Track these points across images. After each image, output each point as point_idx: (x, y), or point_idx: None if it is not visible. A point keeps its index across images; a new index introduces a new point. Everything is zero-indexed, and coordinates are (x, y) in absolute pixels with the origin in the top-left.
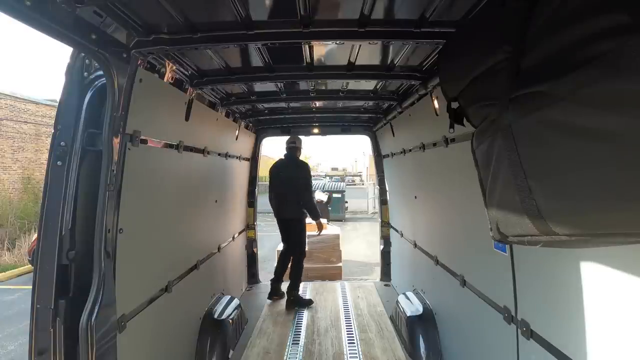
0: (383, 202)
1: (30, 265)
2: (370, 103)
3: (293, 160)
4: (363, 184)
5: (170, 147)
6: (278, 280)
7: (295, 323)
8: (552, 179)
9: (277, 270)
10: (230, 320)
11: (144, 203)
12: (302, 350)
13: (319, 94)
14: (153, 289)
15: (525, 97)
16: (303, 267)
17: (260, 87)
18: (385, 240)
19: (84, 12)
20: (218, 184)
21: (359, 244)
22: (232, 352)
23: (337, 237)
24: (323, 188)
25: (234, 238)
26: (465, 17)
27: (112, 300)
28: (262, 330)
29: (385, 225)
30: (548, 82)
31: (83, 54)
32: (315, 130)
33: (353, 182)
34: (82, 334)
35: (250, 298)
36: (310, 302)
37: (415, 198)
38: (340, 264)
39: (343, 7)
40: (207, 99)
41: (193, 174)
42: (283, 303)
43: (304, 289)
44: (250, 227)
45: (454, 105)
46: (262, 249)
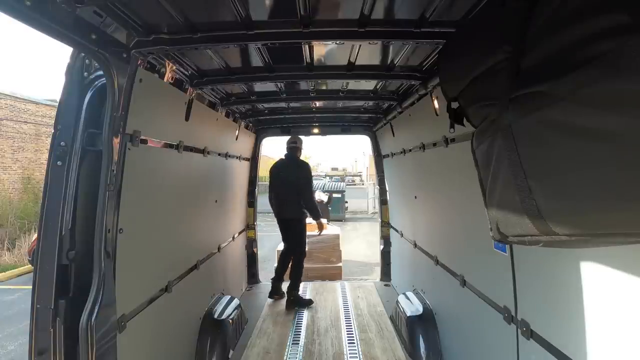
0: (383, 202)
1: (30, 265)
2: (370, 103)
3: (294, 160)
4: (363, 184)
5: (170, 147)
6: (279, 280)
7: (295, 323)
8: (552, 179)
9: (277, 270)
10: (230, 320)
11: (144, 203)
12: (302, 350)
13: (319, 94)
14: (153, 289)
15: (525, 97)
16: (303, 267)
17: (260, 87)
18: (385, 240)
19: (84, 12)
20: (218, 184)
21: (359, 244)
22: (232, 352)
23: (337, 237)
24: (323, 188)
25: (234, 238)
26: (465, 17)
27: (112, 300)
28: (262, 330)
29: (385, 225)
30: (548, 82)
31: (83, 54)
32: (315, 130)
33: (353, 182)
34: (82, 334)
35: (250, 298)
36: (310, 302)
37: (415, 198)
38: (340, 264)
39: (343, 7)
40: (207, 99)
41: (193, 174)
42: (283, 303)
43: (304, 289)
44: (250, 227)
45: (454, 105)
46: (262, 249)
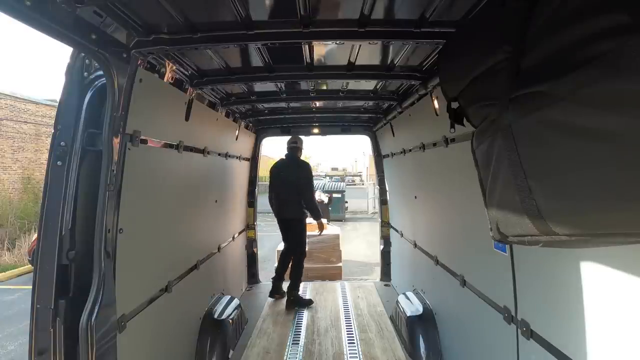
0: (383, 202)
1: (30, 265)
2: (370, 103)
3: (294, 160)
4: (363, 184)
5: (170, 147)
6: (279, 279)
7: (295, 323)
8: (552, 179)
9: (278, 269)
10: (230, 320)
11: (144, 203)
12: (302, 350)
13: (319, 94)
14: (153, 289)
15: (525, 97)
16: (303, 267)
17: (260, 87)
18: (385, 240)
19: (84, 12)
20: (218, 184)
21: (359, 244)
22: (232, 352)
23: (337, 237)
24: (323, 188)
25: (234, 238)
26: (465, 17)
27: (112, 300)
28: (262, 330)
29: (385, 225)
30: (548, 82)
31: (83, 54)
32: (315, 130)
33: (353, 182)
34: (82, 334)
35: (250, 298)
36: (310, 302)
37: (415, 198)
38: (340, 264)
39: (343, 7)
40: (207, 99)
41: (193, 174)
42: (283, 303)
43: (304, 289)
44: (250, 227)
45: (454, 105)
46: (262, 249)
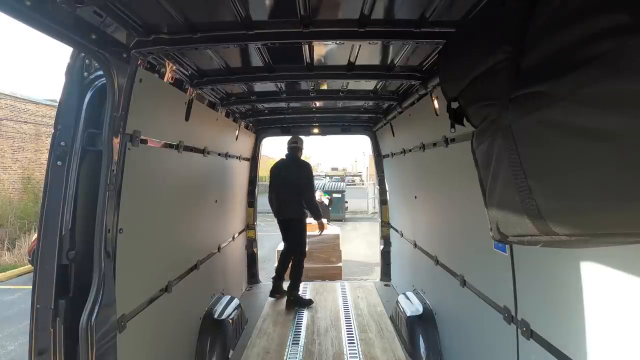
0: (383, 202)
1: (30, 265)
2: (370, 103)
3: (294, 160)
4: (363, 184)
5: (170, 147)
6: (280, 279)
7: (295, 323)
8: (552, 179)
9: (278, 269)
10: (230, 320)
11: (144, 203)
12: (302, 350)
13: (319, 94)
14: (153, 289)
15: (525, 97)
16: (303, 267)
17: (260, 87)
18: (385, 240)
19: (84, 12)
20: (218, 184)
21: (359, 244)
22: (232, 352)
23: (337, 237)
24: (323, 188)
25: (234, 238)
26: (465, 17)
27: (112, 300)
28: (262, 330)
29: (385, 225)
30: (548, 82)
31: (83, 54)
32: (315, 130)
33: (353, 182)
34: (82, 334)
35: (250, 298)
36: (310, 302)
37: (415, 198)
38: (340, 264)
39: (343, 7)
40: (207, 99)
41: (193, 174)
42: (283, 303)
43: (304, 289)
44: (250, 227)
45: (454, 105)
46: (262, 249)
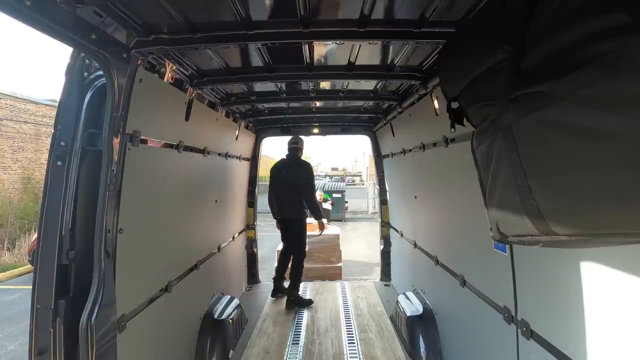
0: (383, 202)
1: (30, 265)
2: (370, 103)
3: (295, 160)
4: (363, 184)
5: (170, 147)
6: (280, 279)
7: (295, 323)
8: (552, 179)
9: (278, 269)
10: (230, 320)
11: (144, 203)
12: (302, 350)
13: (319, 94)
14: (153, 289)
15: (525, 97)
16: (303, 267)
17: (260, 87)
18: (385, 240)
19: (84, 12)
20: (218, 184)
21: (359, 244)
22: (232, 352)
23: (337, 237)
24: (323, 188)
25: (234, 238)
26: (465, 17)
27: (112, 300)
28: (262, 330)
29: (385, 225)
30: (548, 82)
31: (83, 54)
32: (315, 130)
33: (353, 182)
34: (82, 334)
35: (250, 298)
36: (310, 302)
37: (415, 198)
38: (340, 264)
39: (343, 7)
40: (207, 99)
41: (193, 174)
42: (283, 303)
43: (304, 289)
44: (250, 227)
45: (454, 105)
46: (262, 249)
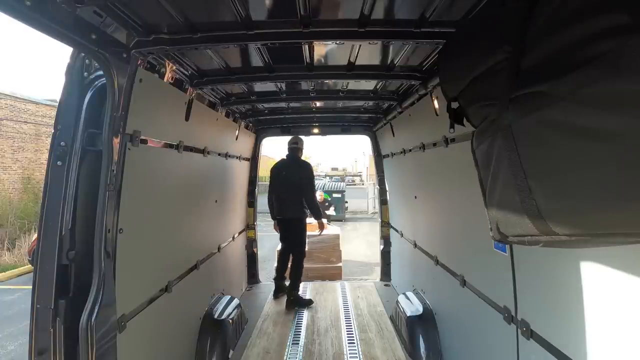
0: (383, 202)
1: (30, 265)
2: (370, 103)
3: (295, 161)
4: (363, 184)
5: (170, 147)
6: (281, 278)
7: (295, 323)
8: (552, 179)
9: (278, 269)
10: (230, 320)
11: (144, 203)
12: (302, 350)
13: (319, 94)
14: (153, 289)
15: (525, 97)
16: (303, 267)
17: (260, 87)
18: (385, 240)
19: (84, 12)
20: (218, 184)
21: (359, 244)
22: (232, 352)
23: (337, 237)
24: (323, 188)
25: (234, 238)
26: (465, 17)
27: (112, 300)
28: (262, 330)
29: (385, 225)
30: (548, 82)
31: (83, 54)
32: (315, 130)
33: (353, 182)
34: (82, 334)
35: (250, 298)
36: (310, 302)
37: (415, 198)
38: (340, 264)
39: (343, 7)
40: (207, 99)
41: (193, 174)
42: (283, 303)
43: (304, 289)
44: (250, 227)
45: (454, 105)
46: (262, 249)
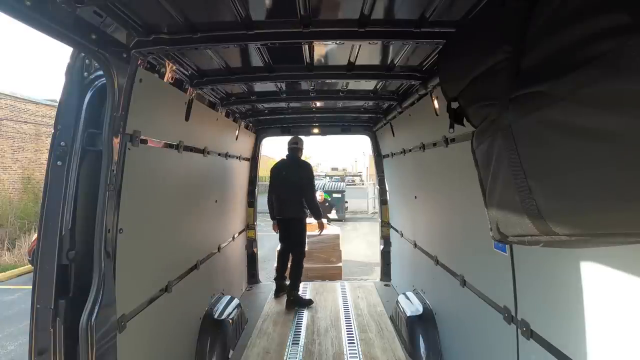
0: (383, 202)
1: (30, 265)
2: (370, 103)
3: (295, 161)
4: (363, 184)
5: (170, 147)
6: (282, 278)
7: (295, 323)
8: (552, 179)
9: (278, 269)
10: (230, 320)
11: (144, 203)
12: (302, 350)
13: (319, 94)
14: (153, 289)
15: (525, 97)
16: (303, 267)
17: (260, 87)
18: (385, 240)
19: (84, 12)
20: (218, 184)
21: (359, 244)
22: (232, 352)
23: (337, 237)
24: (323, 188)
25: (234, 238)
26: (465, 17)
27: (112, 300)
28: (262, 330)
29: (385, 225)
30: (548, 82)
31: (83, 54)
32: (315, 130)
33: (353, 182)
34: (82, 334)
35: (250, 298)
36: (310, 302)
37: (415, 198)
38: (340, 264)
39: (343, 7)
40: (207, 99)
41: (193, 174)
42: (283, 303)
43: (304, 289)
44: (250, 227)
45: (454, 105)
46: (262, 249)
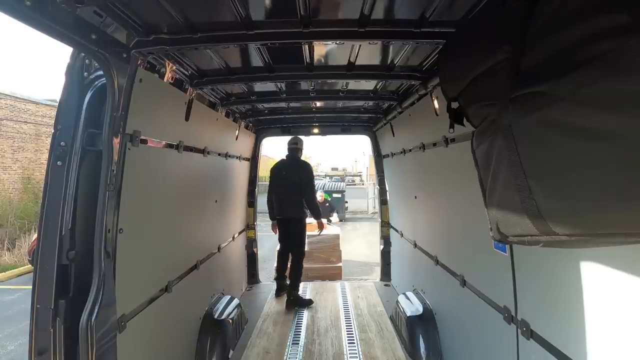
0: (383, 202)
1: (30, 265)
2: (370, 103)
3: (295, 161)
4: (363, 184)
5: (170, 147)
6: (282, 278)
7: (295, 323)
8: (552, 179)
9: (278, 269)
10: (230, 320)
11: (144, 203)
12: (302, 350)
13: (319, 94)
14: (153, 289)
15: (525, 97)
16: (303, 267)
17: (260, 87)
18: (385, 240)
19: (84, 12)
20: (218, 184)
21: (359, 244)
22: (232, 352)
23: (337, 237)
24: (323, 188)
25: (234, 238)
26: (465, 17)
27: (112, 300)
28: (262, 330)
29: (385, 225)
30: (548, 82)
31: (83, 54)
32: (315, 130)
33: (353, 182)
34: (82, 334)
35: (250, 298)
36: (310, 302)
37: (415, 198)
38: (340, 264)
39: (343, 7)
40: (207, 99)
41: (193, 174)
42: (283, 303)
43: (304, 289)
44: (250, 227)
45: (454, 105)
46: (262, 249)
